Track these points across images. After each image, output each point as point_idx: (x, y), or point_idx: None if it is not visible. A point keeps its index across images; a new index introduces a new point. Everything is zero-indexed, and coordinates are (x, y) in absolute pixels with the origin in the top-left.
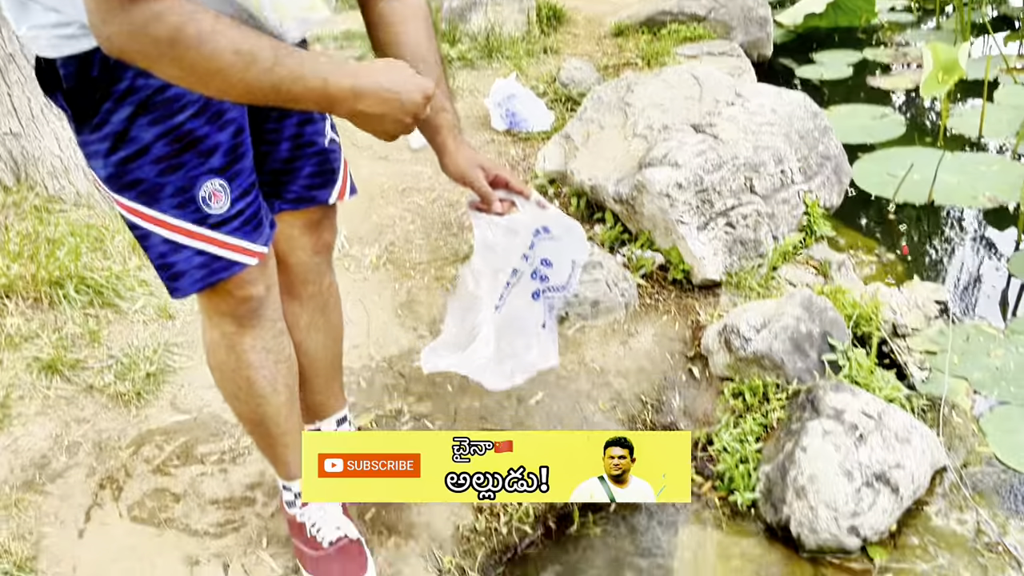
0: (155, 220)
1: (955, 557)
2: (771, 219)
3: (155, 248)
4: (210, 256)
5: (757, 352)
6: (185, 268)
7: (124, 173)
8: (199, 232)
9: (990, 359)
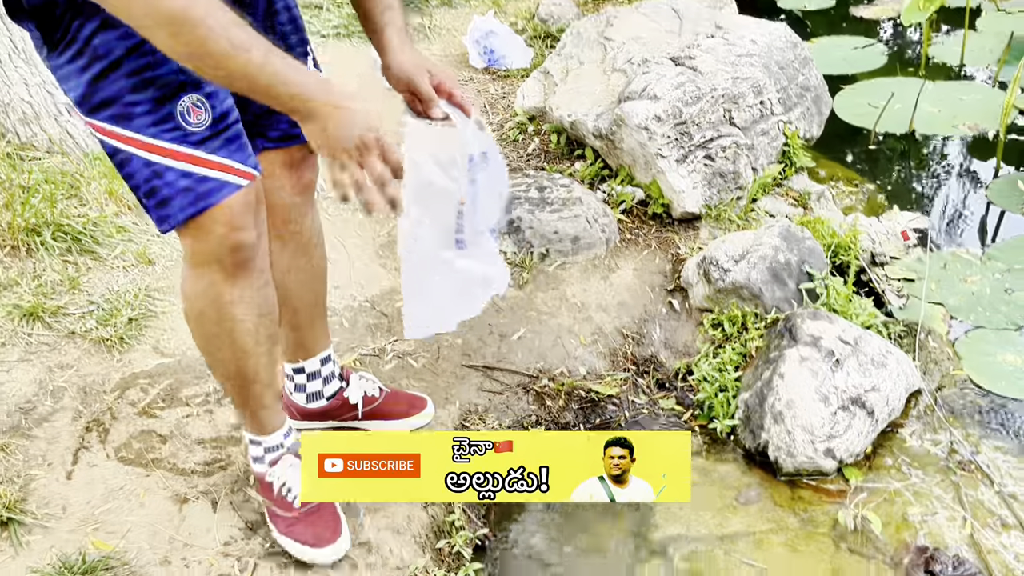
0: (132, 141)
1: (928, 476)
2: (750, 151)
3: (137, 174)
4: (196, 177)
5: (736, 283)
6: (171, 193)
7: (96, 91)
8: (181, 151)
9: (967, 285)
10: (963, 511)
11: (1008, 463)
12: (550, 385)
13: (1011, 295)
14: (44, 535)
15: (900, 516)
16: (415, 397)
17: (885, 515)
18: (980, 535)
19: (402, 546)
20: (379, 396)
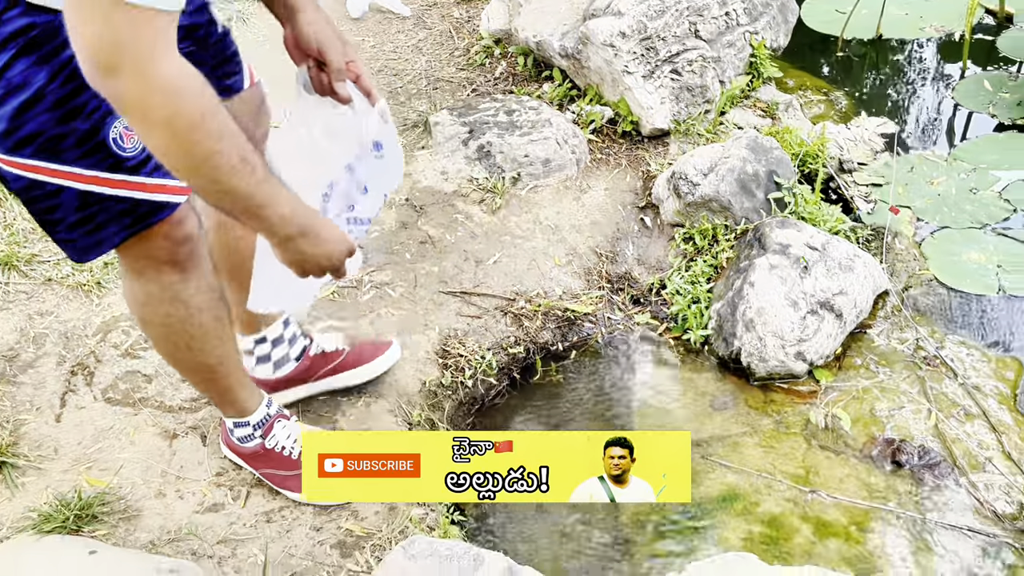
0: (64, 174)
1: (895, 372)
2: (717, 63)
3: (66, 206)
4: (133, 202)
5: (705, 196)
6: (106, 219)
7: (20, 125)
8: (117, 179)
9: (933, 187)
10: (928, 404)
11: (971, 356)
12: (527, 307)
13: (976, 194)
14: (38, 476)
15: (868, 412)
16: (379, 343)
17: (854, 412)
18: (944, 426)
19: None
20: (342, 350)
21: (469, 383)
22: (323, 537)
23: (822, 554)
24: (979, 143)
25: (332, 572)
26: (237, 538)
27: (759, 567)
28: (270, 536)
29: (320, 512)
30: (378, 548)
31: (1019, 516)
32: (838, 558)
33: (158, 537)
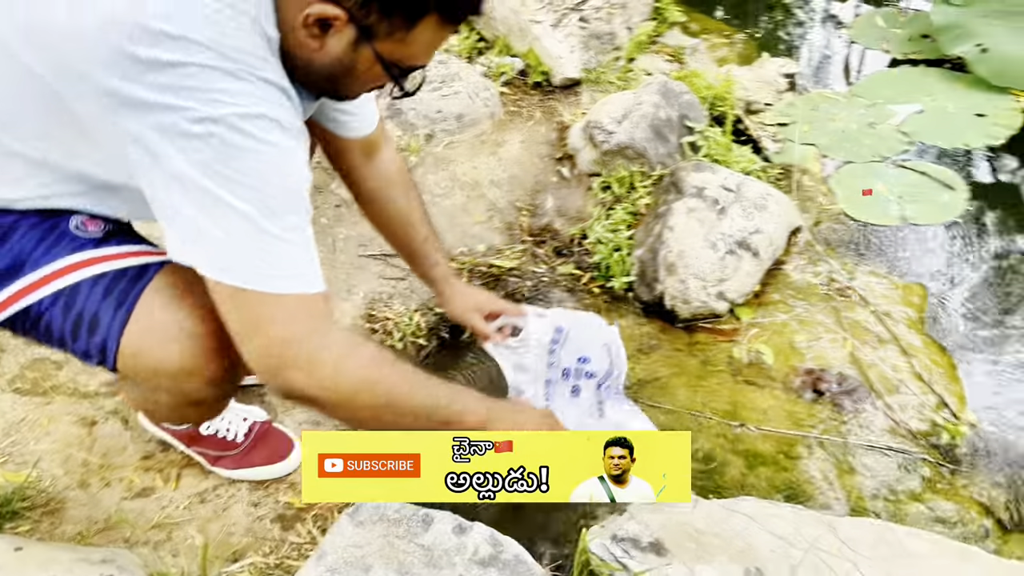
0: (30, 287)
1: (811, 304)
2: (623, 10)
3: (53, 320)
4: (112, 275)
5: (620, 143)
6: (94, 309)
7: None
8: (83, 258)
9: (835, 123)
10: (844, 333)
11: (881, 284)
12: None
13: (875, 128)
14: None
15: (788, 345)
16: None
17: (775, 346)
18: (860, 352)
19: None
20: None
21: (399, 346)
22: (262, 512)
23: (754, 484)
24: (875, 79)
25: (274, 547)
26: (171, 521)
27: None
28: (206, 516)
29: (256, 487)
30: (320, 518)
31: (932, 432)
32: (769, 487)
33: (86, 528)
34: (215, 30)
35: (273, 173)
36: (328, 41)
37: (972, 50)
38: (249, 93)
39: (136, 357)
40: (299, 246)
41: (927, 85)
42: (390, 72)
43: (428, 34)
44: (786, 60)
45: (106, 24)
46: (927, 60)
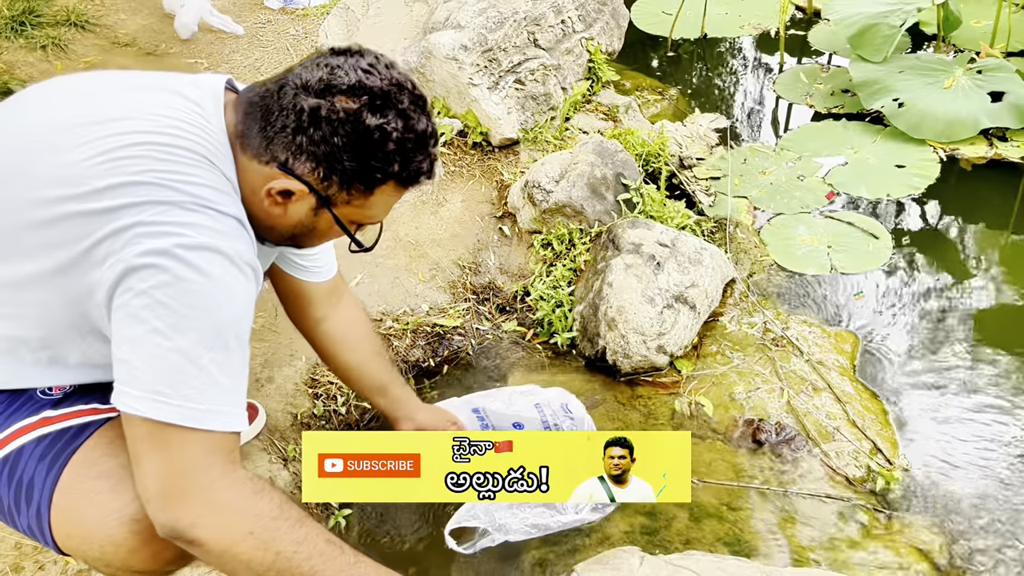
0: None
1: (748, 355)
2: (558, 71)
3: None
4: (53, 435)
5: (559, 202)
6: (31, 472)
7: None
8: (34, 420)
9: (765, 176)
10: (780, 382)
11: (813, 333)
12: (395, 326)
13: (802, 181)
14: None
15: (728, 396)
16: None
17: (715, 397)
18: (796, 401)
19: None
20: None
21: (343, 410)
22: None
23: (699, 537)
24: (801, 132)
25: None
26: None
27: (643, 558)
28: None
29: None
30: None
31: (867, 478)
32: (713, 539)
33: None
34: (168, 167)
35: (209, 307)
36: (290, 208)
37: (890, 105)
38: (198, 224)
39: (69, 539)
40: (222, 382)
41: (849, 138)
42: (348, 232)
43: (385, 197)
44: (716, 115)
45: (49, 181)
46: (848, 114)
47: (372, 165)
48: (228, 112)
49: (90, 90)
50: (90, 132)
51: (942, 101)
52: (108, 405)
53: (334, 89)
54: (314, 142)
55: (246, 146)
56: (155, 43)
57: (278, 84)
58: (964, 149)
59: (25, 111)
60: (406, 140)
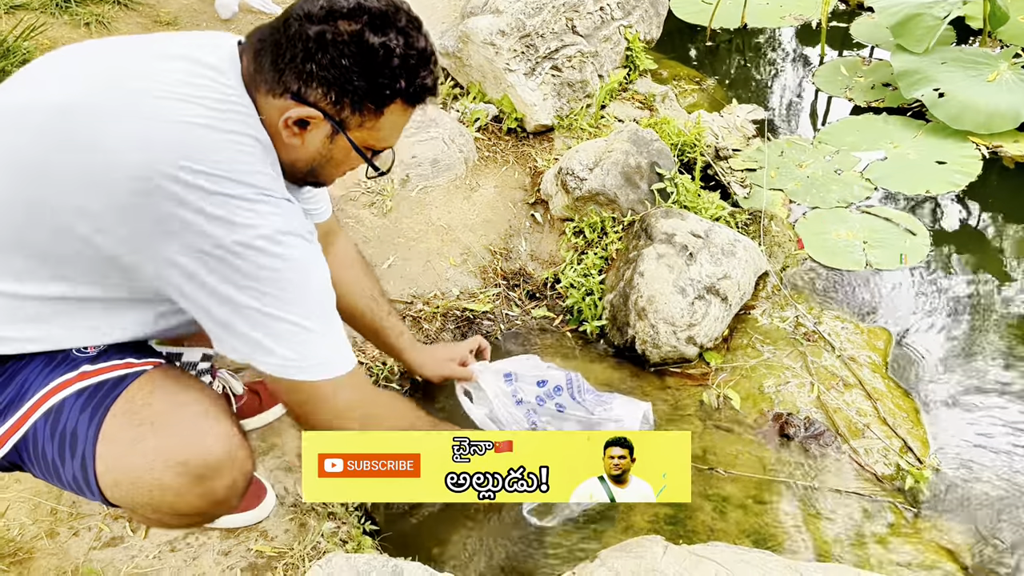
0: (29, 410)
1: (779, 349)
2: (595, 58)
3: (42, 438)
4: (92, 388)
5: (592, 190)
6: (72, 426)
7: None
8: (73, 375)
9: (802, 169)
10: (810, 377)
11: (846, 329)
12: (425, 309)
13: (840, 175)
14: None
15: (757, 389)
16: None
17: (744, 390)
18: (826, 397)
19: (296, 482)
20: (243, 394)
21: None
22: (232, 561)
23: (724, 529)
24: (840, 126)
25: None
26: (140, 571)
27: (667, 548)
28: (176, 566)
29: (227, 536)
30: (291, 568)
31: (896, 476)
32: (738, 531)
33: None
34: (234, 160)
35: (306, 286)
36: (307, 137)
37: (930, 94)
38: (266, 213)
39: (117, 487)
40: (337, 340)
41: (889, 132)
42: (364, 156)
43: (394, 117)
44: (754, 106)
45: (146, 163)
46: (889, 108)
47: (380, 83)
48: (240, 59)
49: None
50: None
51: (984, 93)
52: (142, 359)
53: (336, 14)
54: (323, 67)
55: (260, 85)
56: (196, 22)
57: (282, 20)
58: (1007, 146)
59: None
60: (409, 56)
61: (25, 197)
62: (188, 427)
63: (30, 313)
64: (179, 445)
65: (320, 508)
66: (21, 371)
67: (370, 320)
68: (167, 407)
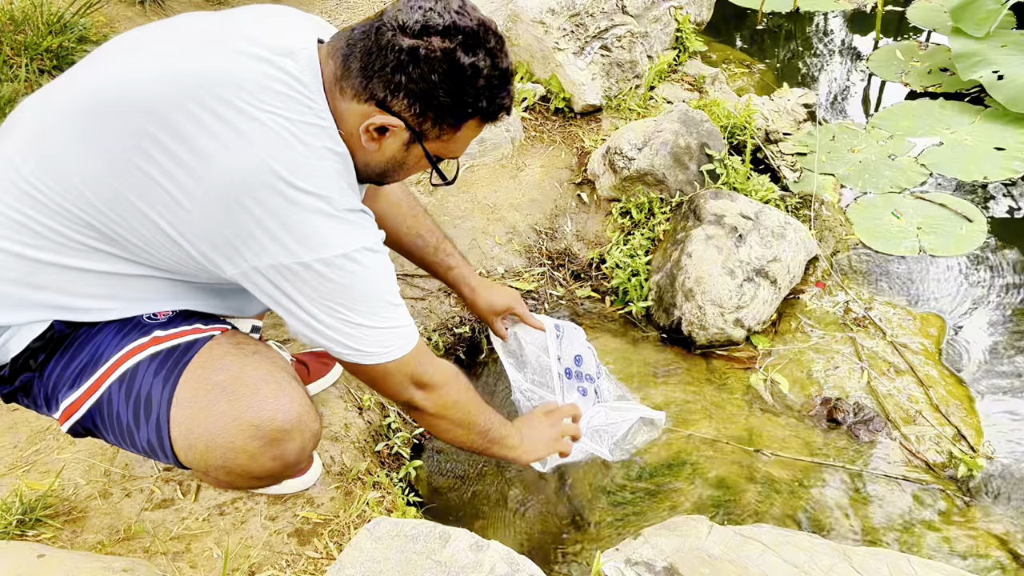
0: (104, 374)
1: (828, 334)
2: (645, 38)
3: (116, 402)
4: (165, 352)
5: (640, 170)
6: (147, 390)
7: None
8: (146, 340)
9: (854, 154)
10: (861, 363)
11: (898, 315)
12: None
13: (894, 160)
14: None
15: (805, 374)
16: (322, 359)
17: (792, 375)
18: (876, 383)
19: (342, 452)
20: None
21: None
22: (279, 526)
23: (770, 511)
24: (894, 110)
25: (291, 561)
26: (190, 533)
27: (711, 527)
28: (224, 529)
29: (274, 501)
30: (336, 534)
31: (948, 464)
32: (784, 514)
33: (107, 537)
34: (318, 174)
35: (373, 291)
36: (384, 143)
37: (989, 76)
38: (345, 232)
39: (191, 449)
40: (390, 328)
41: (946, 118)
42: (434, 165)
43: (468, 132)
44: (806, 90)
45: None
46: (946, 93)
47: (464, 100)
48: (324, 63)
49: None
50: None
51: None
52: (209, 324)
53: (430, 30)
54: (412, 80)
55: (344, 89)
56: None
57: (374, 28)
58: None
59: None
60: (493, 77)
61: (111, 185)
62: (260, 392)
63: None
64: (252, 409)
65: (365, 477)
66: (94, 337)
67: (419, 257)
68: (239, 372)
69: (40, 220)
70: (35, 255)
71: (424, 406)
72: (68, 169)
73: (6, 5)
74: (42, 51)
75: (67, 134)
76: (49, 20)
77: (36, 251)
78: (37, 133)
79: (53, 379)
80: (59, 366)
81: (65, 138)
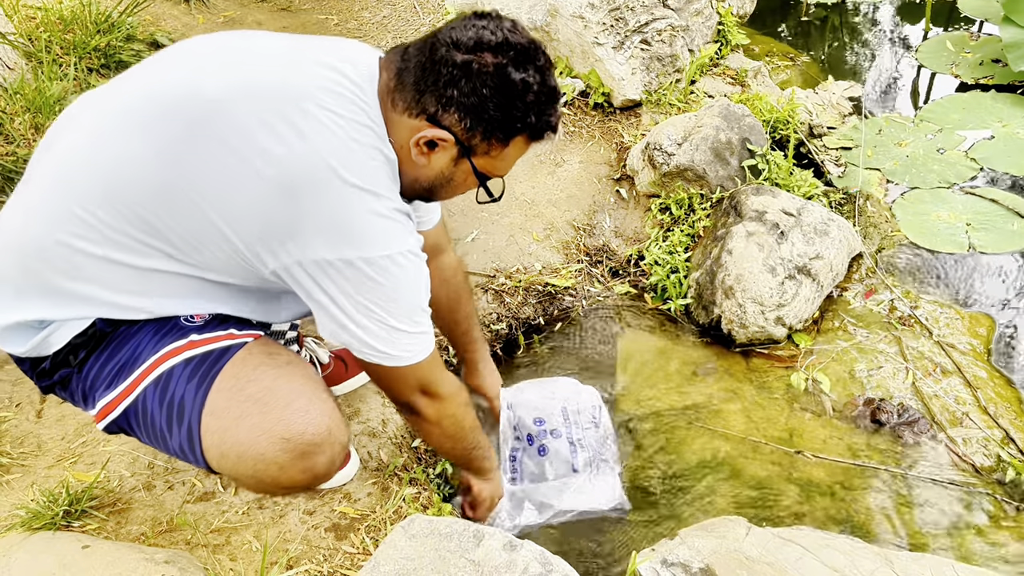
0: (141, 375)
1: (872, 333)
2: (685, 32)
3: (151, 404)
4: (199, 357)
5: (680, 165)
6: (181, 394)
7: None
8: (182, 343)
9: (901, 148)
10: (906, 363)
11: (945, 314)
12: (507, 283)
13: (943, 154)
14: (23, 473)
15: (848, 373)
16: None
17: (834, 374)
18: (922, 383)
19: (380, 447)
20: (329, 363)
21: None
22: (317, 521)
23: (810, 514)
24: (943, 103)
25: (328, 555)
26: (230, 526)
27: (749, 529)
28: (263, 522)
29: (312, 496)
30: (373, 529)
31: (997, 468)
32: (824, 516)
33: (150, 529)
34: (370, 173)
35: (409, 295)
36: (433, 157)
37: None
38: (391, 232)
39: (223, 459)
40: (417, 333)
41: (998, 111)
42: (482, 181)
43: (515, 150)
44: (851, 83)
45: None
46: (998, 85)
47: (513, 115)
48: (380, 74)
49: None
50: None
51: None
52: (243, 330)
53: (483, 46)
54: (464, 94)
55: (397, 102)
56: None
57: (428, 44)
58: None
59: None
60: (542, 93)
61: (163, 179)
62: (291, 405)
63: (147, 284)
64: (283, 423)
65: (402, 473)
66: (133, 336)
67: (446, 331)
68: (271, 383)
69: (96, 213)
70: (86, 248)
71: (426, 413)
72: (125, 160)
73: (55, 5)
74: (90, 50)
75: (127, 129)
76: (97, 19)
77: (88, 244)
78: (97, 128)
79: (91, 377)
80: (97, 364)
81: (125, 133)
